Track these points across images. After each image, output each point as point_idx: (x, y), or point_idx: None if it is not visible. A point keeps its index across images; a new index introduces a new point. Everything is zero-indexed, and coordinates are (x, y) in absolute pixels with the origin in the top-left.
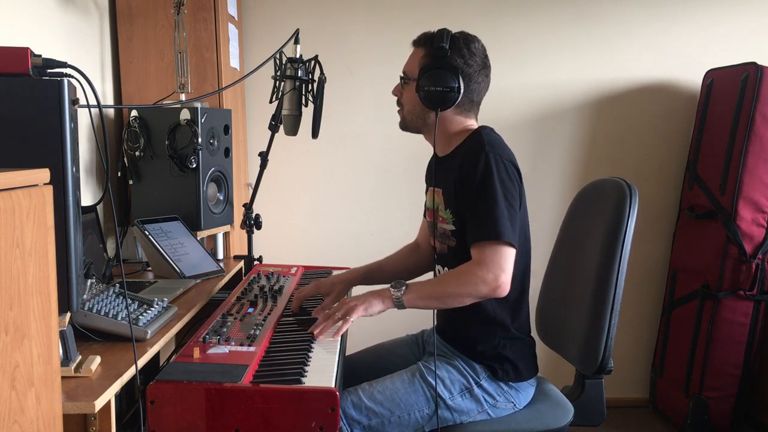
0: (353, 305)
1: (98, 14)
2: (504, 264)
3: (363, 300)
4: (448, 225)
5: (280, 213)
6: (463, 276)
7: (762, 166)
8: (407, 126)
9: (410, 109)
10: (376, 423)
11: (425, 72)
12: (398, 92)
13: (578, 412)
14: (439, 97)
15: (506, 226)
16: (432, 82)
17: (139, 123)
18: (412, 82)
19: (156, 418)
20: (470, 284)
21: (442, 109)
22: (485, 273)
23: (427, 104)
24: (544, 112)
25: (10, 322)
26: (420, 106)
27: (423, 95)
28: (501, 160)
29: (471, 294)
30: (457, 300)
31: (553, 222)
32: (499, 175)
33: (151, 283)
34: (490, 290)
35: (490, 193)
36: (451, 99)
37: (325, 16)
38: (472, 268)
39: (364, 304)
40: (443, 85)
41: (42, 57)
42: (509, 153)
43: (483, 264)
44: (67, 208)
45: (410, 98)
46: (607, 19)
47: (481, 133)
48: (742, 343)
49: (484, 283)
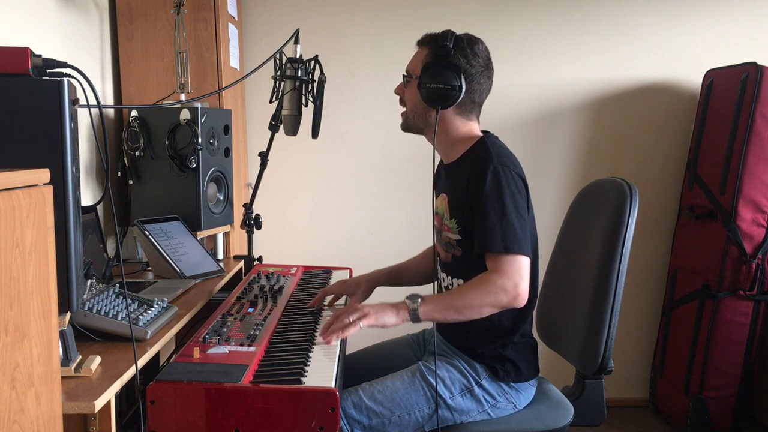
0: (366, 312)
1: (98, 14)
2: (523, 272)
3: (377, 309)
4: (453, 234)
5: (280, 213)
6: (482, 285)
7: (762, 166)
8: (409, 126)
9: (412, 108)
10: (376, 423)
11: (428, 70)
12: (401, 91)
13: (578, 413)
14: (441, 94)
15: (520, 237)
16: (434, 79)
17: (139, 123)
18: (414, 80)
19: (156, 418)
20: (491, 294)
21: (443, 107)
22: (505, 281)
23: (429, 102)
24: (544, 112)
25: (10, 322)
26: (422, 104)
27: (425, 93)
28: (509, 171)
29: (491, 304)
30: (476, 311)
31: (553, 222)
32: (509, 186)
33: (151, 283)
34: (510, 299)
35: (501, 204)
36: (453, 97)
37: (325, 16)
38: (491, 277)
39: (378, 314)
40: (445, 83)
41: (42, 57)
42: (515, 163)
43: (502, 273)
44: (67, 208)
45: (412, 96)
46: (607, 19)
47: (486, 142)
48: (742, 343)
49: (505, 292)
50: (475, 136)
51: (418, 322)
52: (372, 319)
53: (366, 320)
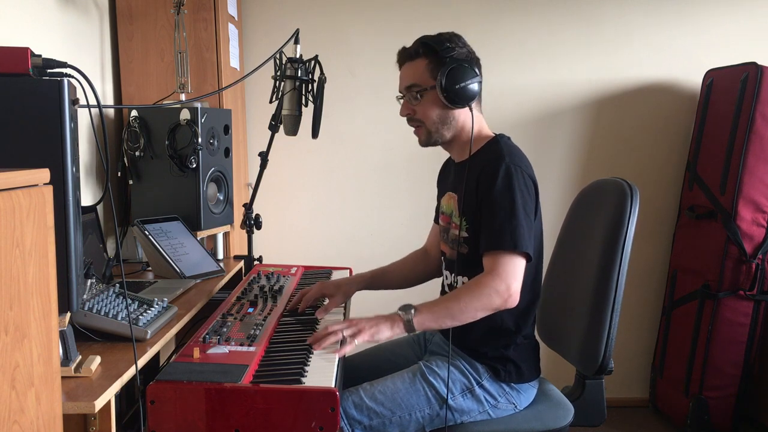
0: (362, 327)
1: (98, 14)
2: (517, 273)
3: (372, 324)
4: (462, 232)
5: (280, 213)
6: (475, 288)
7: (762, 166)
8: (433, 140)
9: (434, 120)
10: (377, 423)
11: (448, 73)
12: (410, 110)
13: (578, 413)
14: (467, 91)
15: (523, 237)
16: (458, 79)
17: (139, 123)
18: (431, 90)
19: (156, 418)
20: (483, 296)
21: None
22: (498, 283)
23: (458, 103)
24: (545, 113)
25: (10, 322)
26: (445, 111)
27: (452, 96)
28: (520, 171)
29: (484, 307)
30: (470, 315)
31: (553, 222)
32: (519, 186)
33: (151, 283)
34: (502, 301)
35: (510, 203)
36: (477, 90)
37: (325, 16)
38: (484, 279)
39: (373, 329)
40: (467, 79)
41: (42, 57)
42: (527, 164)
43: (495, 274)
44: (67, 208)
45: (430, 107)
46: (607, 19)
47: (499, 141)
48: (742, 343)
49: (497, 293)
50: (486, 136)
51: (412, 332)
52: (367, 335)
53: (361, 337)
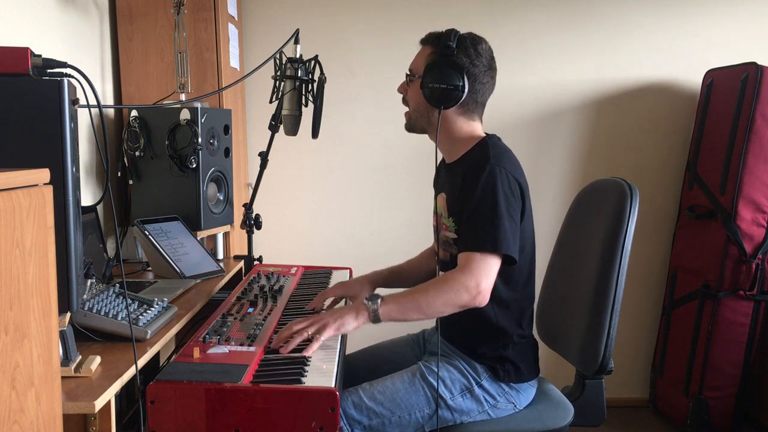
0: (325, 323)
1: (98, 14)
2: (489, 272)
3: (336, 317)
4: (450, 233)
5: (280, 213)
6: (443, 283)
7: (762, 166)
8: (413, 126)
9: (415, 107)
10: (376, 423)
11: (431, 69)
12: (404, 90)
13: (578, 413)
14: (444, 94)
15: (504, 239)
16: (437, 79)
17: (139, 123)
18: (417, 80)
19: (156, 418)
20: (452, 291)
21: (445, 107)
22: (468, 279)
23: (431, 101)
24: (545, 113)
25: (10, 322)
26: (424, 103)
27: (428, 92)
28: (505, 173)
29: (452, 302)
30: (437, 309)
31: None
32: (503, 188)
33: (151, 283)
34: (470, 298)
35: (492, 204)
36: (455, 97)
37: (325, 16)
38: (455, 274)
39: (337, 323)
40: (447, 83)
41: (42, 57)
42: (514, 165)
43: (467, 270)
44: (67, 208)
45: (415, 96)
46: (607, 19)
47: (488, 143)
48: (742, 343)
49: (466, 289)
50: (477, 137)
51: (378, 322)
52: (332, 330)
53: (326, 332)
